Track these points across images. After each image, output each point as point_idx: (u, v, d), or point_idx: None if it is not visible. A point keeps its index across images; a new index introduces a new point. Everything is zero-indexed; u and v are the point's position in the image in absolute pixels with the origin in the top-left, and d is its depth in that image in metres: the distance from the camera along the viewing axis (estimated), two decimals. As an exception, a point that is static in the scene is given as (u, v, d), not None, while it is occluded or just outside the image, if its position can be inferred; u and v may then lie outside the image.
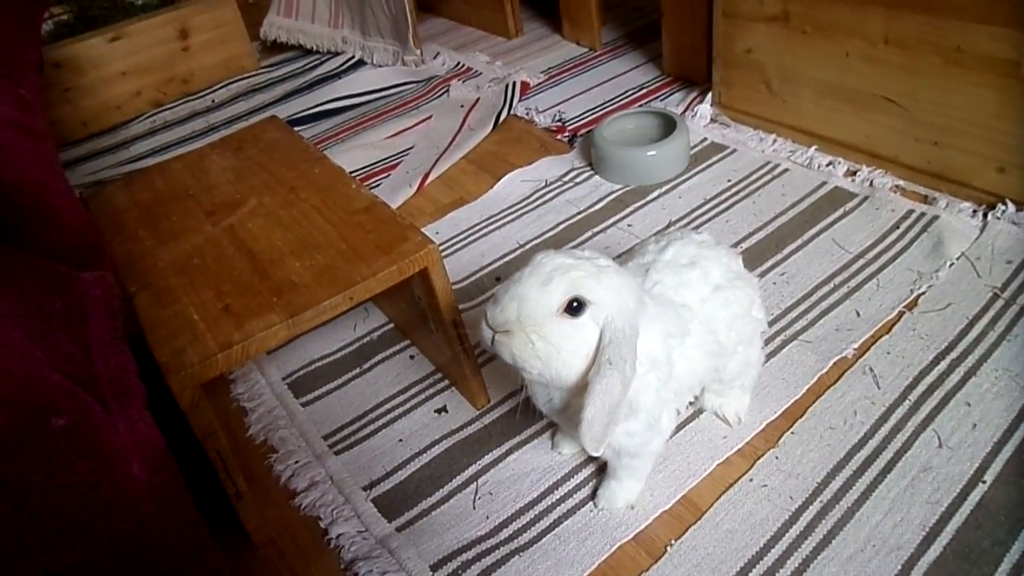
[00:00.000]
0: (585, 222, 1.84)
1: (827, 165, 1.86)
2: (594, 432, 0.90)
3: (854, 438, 1.22)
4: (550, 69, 2.65)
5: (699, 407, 1.30)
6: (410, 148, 2.30)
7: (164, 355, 1.02)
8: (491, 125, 2.29)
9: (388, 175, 2.18)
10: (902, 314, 1.43)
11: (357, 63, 2.91)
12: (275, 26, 3.09)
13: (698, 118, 2.14)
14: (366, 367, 1.52)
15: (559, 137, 2.24)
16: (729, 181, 1.90)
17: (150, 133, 2.66)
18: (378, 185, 2.13)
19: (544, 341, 0.90)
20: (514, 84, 2.47)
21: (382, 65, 2.85)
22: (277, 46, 3.14)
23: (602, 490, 1.18)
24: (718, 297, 1.07)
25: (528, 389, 1.06)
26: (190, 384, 1.00)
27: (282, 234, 1.24)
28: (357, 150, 2.31)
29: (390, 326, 1.61)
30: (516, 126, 2.35)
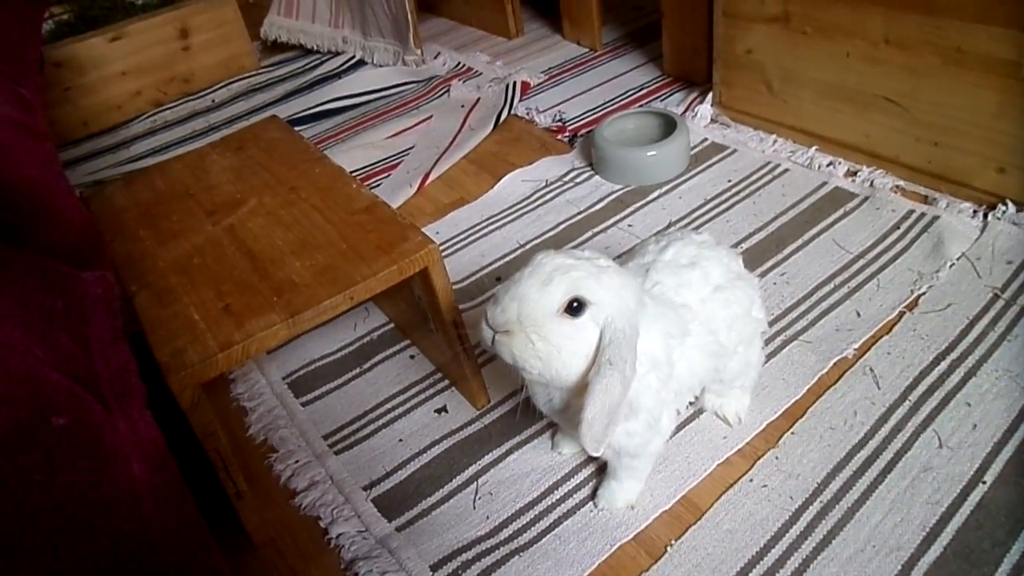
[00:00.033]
0: (585, 222, 1.84)
1: (827, 165, 1.87)
2: (594, 432, 0.90)
3: (854, 438, 1.22)
4: (550, 69, 2.66)
5: (699, 407, 1.30)
6: (410, 148, 2.30)
7: (164, 355, 1.02)
8: (491, 125, 2.29)
9: (388, 175, 2.18)
10: (902, 314, 1.43)
11: (358, 63, 2.91)
12: (275, 26, 3.10)
13: (698, 118, 2.14)
14: (366, 367, 1.52)
15: (559, 137, 2.24)
16: (729, 181, 1.90)
17: (150, 133, 2.66)
18: (378, 185, 2.13)
19: (544, 341, 0.90)
20: (514, 84, 2.47)
21: (383, 65, 2.85)
22: (277, 46, 3.14)
23: (602, 490, 1.18)
24: (718, 297, 1.07)
25: (528, 389, 1.06)
26: (190, 384, 1.00)
27: (282, 234, 1.24)
28: (357, 150, 2.31)
29: (390, 326, 1.61)
30: (516, 126, 2.35)
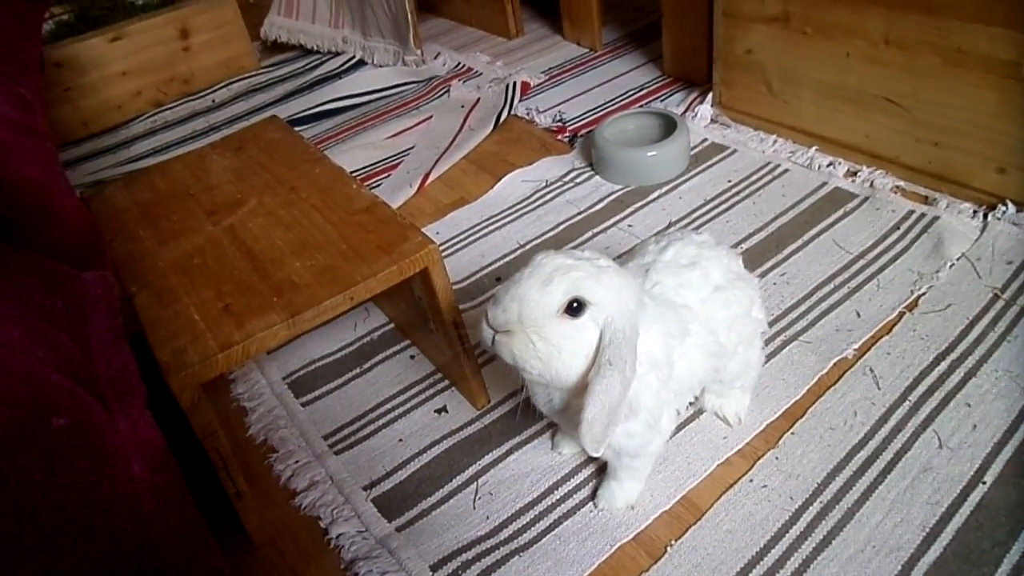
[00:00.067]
0: (585, 222, 1.84)
1: (827, 166, 1.87)
2: (594, 433, 0.90)
3: (854, 439, 1.22)
4: (551, 69, 2.66)
5: (699, 407, 1.30)
6: (410, 148, 2.30)
7: (165, 355, 1.02)
8: (491, 125, 2.29)
9: (388, 175, 2.18)
10: (902, 315, 1.43)
11: (358, 63, 2.91)
12: (276, 26, 3.10)
13: (698, 119, 2.14)
14: (366, 367, 1.52)
15: (559, 137, 2.24)
16: (729, 182, 1.90)
17: (151, 133, 2.66)
18: (379, 185, 2.13)
19: (544, 341, 0.90)
20: (515, 84, 2.47)
21: (383, 65, 2.85)
22: (278, 46, 3.14)
23: (602, 490, 1.18)
24: (718, 298, 1.07)
25: (528, 389, 1.06)
26: (190, 384, 1.00)
27: (282, 234, 1.24)
28: (358, 150, 2.31)
29: (390, 326, 1.61)
30: (517, 126, 2.35)
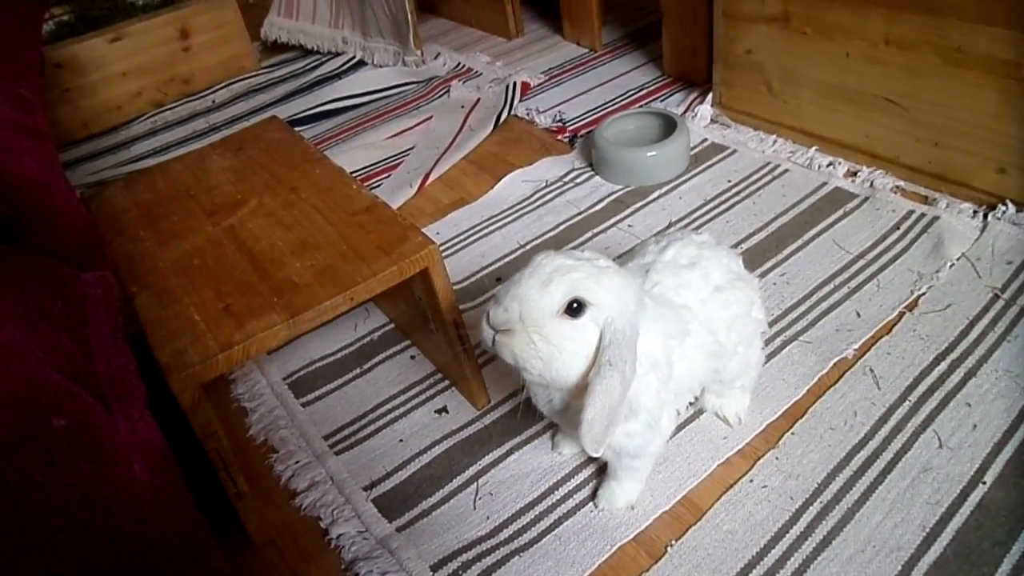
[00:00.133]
0: (585, 223, 1.84)
1: (827, 166, 1.87)
2: (594, 433, 0.90)
3: (854, 439, 1.22)
4: (551, 70, 2.66)
5: (699, 408, 1.30)
6: (411, 148, 2.30)
7: (165, 355, 1.02)
8: (491, 125, 2.29)
9: (389, 175, 2.18)
10: (902, 315, 1.43)
11: (358, 63, 2.91)
12: (275, 26, 3.10)
13: (698, 119, 2.14)
14: (367, 367, 1.52)
15: (559, 138, 2.24)
16: (729, 182, 1.90)
17: (151, 133, 2.66)
18: (379, 185, 2.13)
19: (545, 341, 0.90)
20: (515, 84, 2.47)
21: (383, 65, 2.85)
22: (278, 46, 3.14)
23: (602, 491, 1.18)
24: (718, 298, 1.07)
25: (528, 390, 1.06)
26: (191, 384, 1.01)
27: (283, 234, 1.24)
28: (358, 150, 2.31)
29: (391, 326, 1.61)
30: (517, 126, 2.35)
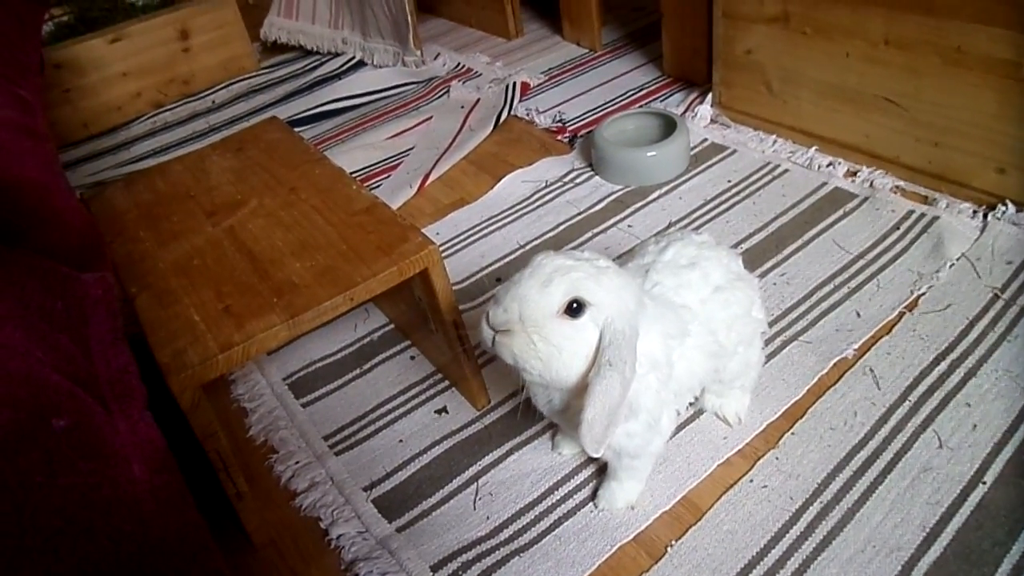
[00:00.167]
0: (585, 223, 1.84)
1: (827, 166, 1.87)
2: (594, 433, 0.90)
3: (854, 439, 1.22)
4: (550, 70, 2.66)
5: (699, 408, 1.30)
6: (410, 149, 2.30)
7: (165, 356, 1.02)
8: (491, 126, 2.29)
9: (388, 176, 2.18)
10: (902, 315, 1.43)
11: (357, 64, 2.91)
12: (275, 27, 3.10)
13: (698, 119, 2.14)
14: (366, 368, 1.52)
15: (559, 138, 2.24)
16: (729, 182, 1.90)
17: (151, 134, 2.66)
18: (378, 186, 2.13)
19: (545, 342, 0.90)
20: (514, 85, 2.47)
21: (382, 66, 2.85)
22: (277, 47, 3.14)
23: (602, 491, 1.18)
24: (718, 298, 1.07)
25: (528, 390, 1.06)
26: (191, 385, 1.01)
27: (282, 235, 1.24)
28: (357, 151, 2.31)
29: (390, 327, 1.61)
30: (516, 127, 2.35)
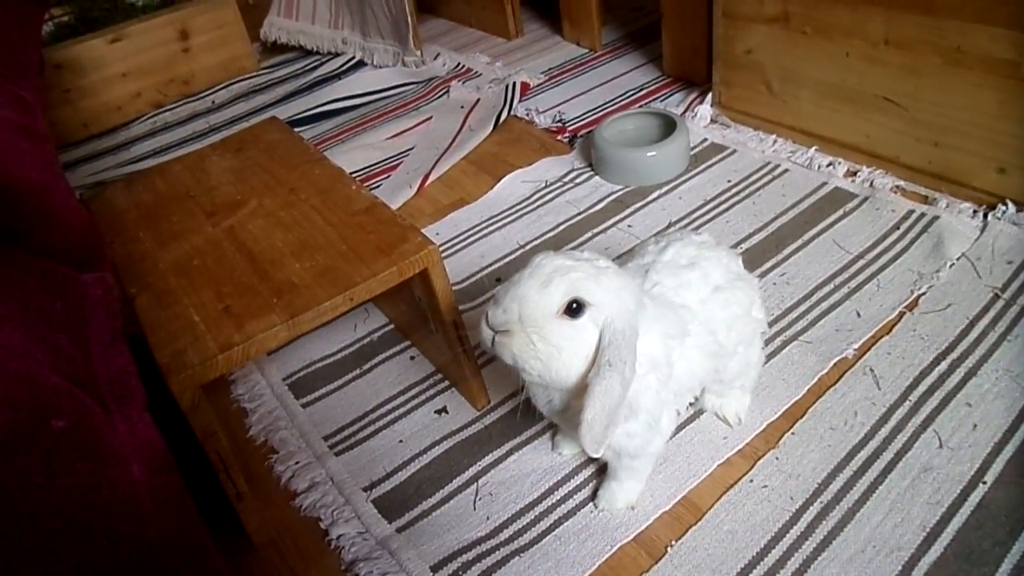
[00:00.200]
0: (585, 223, 1.84)
1: (827, 166, 1.86)
2: (594, 433, 0.90)
3: (854, 439, 1.22)
4: (550, 70, 2.66)
5: (699, 408, 1.30)
6: (410, 149, 2.30)
7: (165, 356, 1.02)
8: (491, 126, 2.29)
9: (388, 176, 2.18)
10: (902, 315, 1.43)
11: (357, 64, 2.91)
12: (275, 27, 3.10)
13: (698, 119, 2.14)
14: (366, 368, 1.52)
15: (559, 138, 2.24)
16: (729, 182, 1.90)
17: (151, 134, 2.66)
18: (378, 186, 2.13)
19: (544, 342, 0.90)
20: (514, 85, 2.47)
21: (382, 66, 2.85)
22: (277, 47, 3.14)
23: (602, 491, 1.18)
24: (718, 298, 1.07)
25: (528, 390, 1.06)
26: (190, 385, 1.00)
27: (282, 235, 1.24)
28: (357, 151, 2.31)
29: (390, 327, 1.61)
30: (516, 127, 2.35)
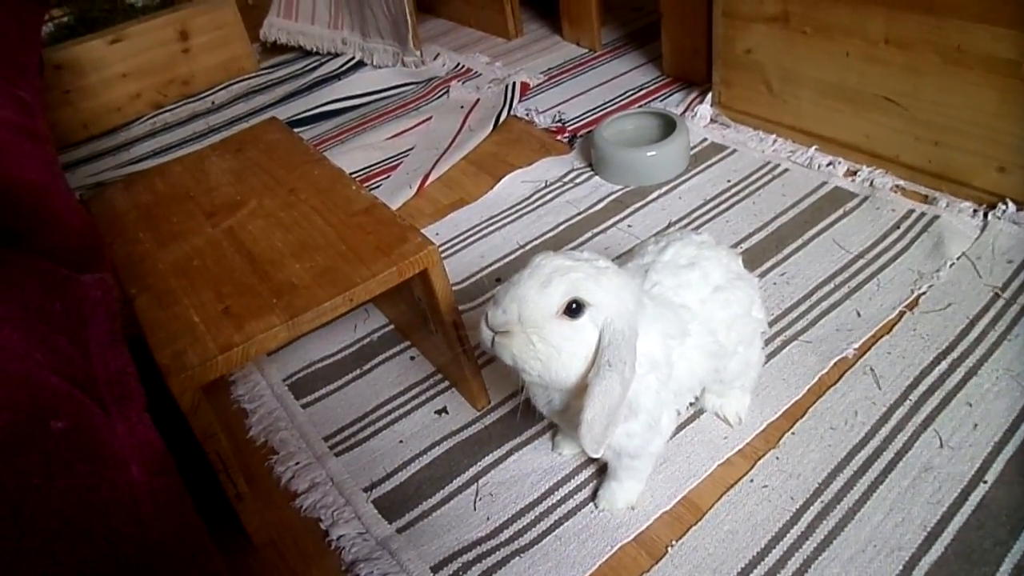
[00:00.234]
0: (585, 223, 1.84)
1: (827, 165, 1.86)
2: (594, 433, 0.90)
3: (855, 438, 1.21)
4: (550, 70, 2.66)
5: (699, 408, 1.30)
6: (410, 149, 2.30)
7: (164, 357, 1.02)
8: (491, 126, 2.29)
9: (388, 176, 2.18)
10: (903, 314, 1.43)
11: (357, 64, 2.91)
12: (275, 27, 3.10)
13: (698, 118, 2.14)
14: (366, 368, 1.52)
15: (559, 138, 2.24)
16: (729, 181, 1.90)
17: (150, 135, 2.66)
18: (378, 186, 2.13)
19: (544, 342, 0.90)
20: (514, 85, 2.47)
21: (382, 66, 2.85)
22: (277, 47, 3.14)
23: (602, 491, 1.18)
24: (718, 298, 1.07)
25: (528, 391, 1.06)
26: (190, 386, 1.00)
27: (282, 235, 1.24)
28: (357, 151, 2.31)
29: (390, 327, 1.61)
30: (516, 127, 2.35)
